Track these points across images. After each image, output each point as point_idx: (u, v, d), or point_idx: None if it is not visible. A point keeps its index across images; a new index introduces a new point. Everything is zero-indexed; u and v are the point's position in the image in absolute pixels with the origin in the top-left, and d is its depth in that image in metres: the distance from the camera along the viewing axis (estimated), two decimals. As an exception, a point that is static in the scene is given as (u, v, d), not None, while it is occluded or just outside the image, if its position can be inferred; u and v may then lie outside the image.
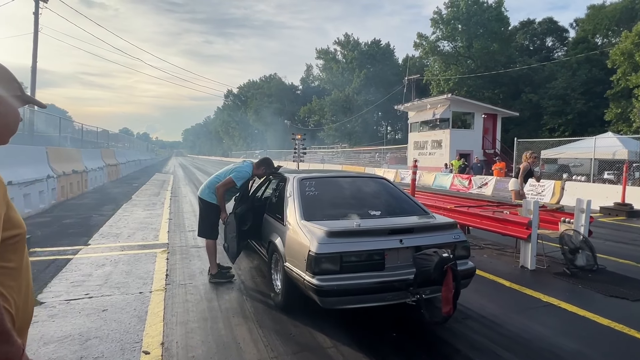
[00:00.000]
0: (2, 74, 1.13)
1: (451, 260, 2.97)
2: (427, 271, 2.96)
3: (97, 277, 4.55)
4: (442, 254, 2.98)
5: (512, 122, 32.89)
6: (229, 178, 4.48)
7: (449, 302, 2.92)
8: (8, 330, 0.94)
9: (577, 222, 5.50)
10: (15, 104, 1.17)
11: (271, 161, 4.95)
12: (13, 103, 1.16)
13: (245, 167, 4.66)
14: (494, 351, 3.02)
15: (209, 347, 3.01)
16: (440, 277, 2.93)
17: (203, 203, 4.62)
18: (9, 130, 1.18)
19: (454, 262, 3.00)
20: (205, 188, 4.63)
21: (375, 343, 3.10)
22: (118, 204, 10.73)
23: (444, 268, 2.92)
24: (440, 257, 2.95)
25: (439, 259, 2.94)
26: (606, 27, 35.81)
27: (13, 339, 0.97)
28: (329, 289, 3.03)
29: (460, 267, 3.31)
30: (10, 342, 0.96)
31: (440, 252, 3.02)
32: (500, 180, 16.21)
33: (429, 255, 3.03)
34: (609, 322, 3.61)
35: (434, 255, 3.00)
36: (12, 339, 0.97)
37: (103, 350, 2.90)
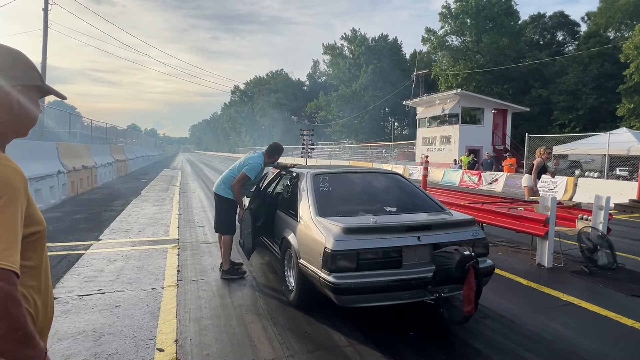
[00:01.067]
0: (21, 62, 1.07)
1: (473, 258, 2.89)
2: (448, 269, 2.88)
3: (109, 272, 4.54)
4: (463, 252, 2.90)
5: (522, 117, 32.47)
6: (242, 173, 4.42)
7: (470, 301, 2.83)
8: (31, 333, 0.88)
9: (596, 219, 5.36)
10: (35, 94, 1.12)
11: (280, 146, 4.84)
12: (33, 93, 1.11)
13: (257, 158, 4.58)
14: (515, 351, 2.94)
15: (223, 344, 2.96)
16: (462, 276, 2.84)
17: (219, 198, 4.56)
18: (30, 122, 1.12)
19: (476, 260, 2.91)
20: (220, 184, 4.58)
21: (392, 342, 3.03)
22: (127, 199, 10.76)
23: (465, 266, 2.83)
24: (461, 254, 2.87)
25: (461, 256, 2.86)
26: (619, 21, 35.07)
27: (35, 342, 0.91)
28: (346, 286, 2.97)
29: (480, 265, 3.22)
30: (33, 345, 0.91)
31: (462, 249, 2.94)
32: (511, 177, 16.00)
33: (450, 253, 2.94)
34: (633, 322, 3.50)
35: (455, 253, 2.92)
36: (35, 342, 0.91)
37: (117, 347, 2.86)
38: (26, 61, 1.09)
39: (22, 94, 1.05)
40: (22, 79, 1.06)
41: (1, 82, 1.01)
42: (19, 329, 0.85)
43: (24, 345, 0.88)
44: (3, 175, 0.91)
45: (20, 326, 0.85)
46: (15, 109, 1.04)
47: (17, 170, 0.97)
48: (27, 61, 1.09)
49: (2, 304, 0.81)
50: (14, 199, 0.90)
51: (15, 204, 0.91)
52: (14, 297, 0.83)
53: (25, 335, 0.87)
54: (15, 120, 1.07)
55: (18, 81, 1.04)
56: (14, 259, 0.85)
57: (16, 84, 1.04)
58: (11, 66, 1.04)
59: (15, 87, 1.04)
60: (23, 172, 0.99)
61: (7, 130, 1.07)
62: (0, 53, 1.04)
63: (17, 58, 1.07)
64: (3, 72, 1.02)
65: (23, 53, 1.10)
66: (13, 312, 0.83)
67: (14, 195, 0.91)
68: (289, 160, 41.07)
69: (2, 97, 1.01)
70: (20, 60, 1.07)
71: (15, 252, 0.86)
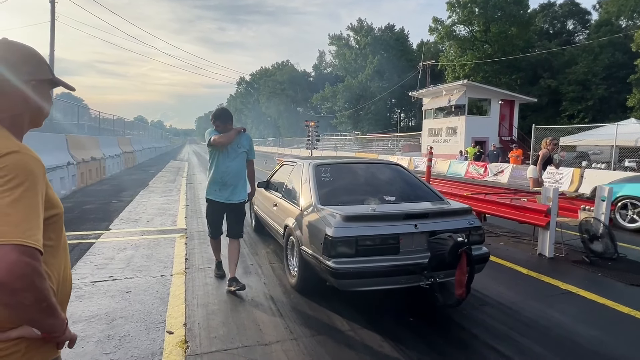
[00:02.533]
0: (33, 57, 1.15)
1: (466, 244, 3.01)
2: (441, 255, 3.00)
3: (120, 260, 4.69)
4: (456, 238, 3.01)
5: (529, 108, 32.13)
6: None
7: (462, 285, 2.95)
8: (54, 305, 0.99)
9: (598, 209, 5.39)
10: (47, 87, 1.20)
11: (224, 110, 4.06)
12: (46, 86, 1.19)
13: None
14: (512, 337, 3.03)
15: (229, 328, 3.09)
16: (455, 261, 2.97)
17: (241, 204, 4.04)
18: (43, 114, 1.21)
19: (469, 247, 3.02)
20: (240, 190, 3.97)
21: (392, 327, 3.14)
22: (135, 190, 10.94)
23: (458, 252, 2.95)
24: (455, 241, 2.98)
25: (454, 243, 2.97)
26: (631, 9, 34.29)
27: (58, 312, 1.02)
28: (345, 271, 3.09)
29: (475, 252, 3.34)
30: (55, 315, 1.01)
31: (455, 236, 3.05)
32: (517, 168, 15.94)
33: (444, 240, 3.06)
34: (630, 310, 3.57)
35: (448, 239, 3.03)
36: (57, 312, 1.01)
37: (129, 330, 3.00)
38: (38, 56, 1.17)
39: (35, 88, 1.14)
40: (35, 73, 1.14)
41: (16, 77, 1.09)
42: (44, 300, 0.95)
43: (48, 315, 0.98)
44: (24, 163, 1.00)
45: (45, 298, 0.95)
46: (30, 102, 1.13)
47: (36, 158, 1.06)
48: (38, 56, 1.18)
49: (29, 278, 0.91)
50: (34, 184, 1.00)
51: (36, 188, 1.00)
52: (39, 271, 0.93)
53: (48, 306, 0.97)
54: (30, 113, 1.16)
55: (31, 75, 1.13)
56: (37, 237, 0.95)
57: (30, 78, 1.12)
58: (25, 62, 1.13)
59: (30, 81, 1.12)
60: (41, 160, 1.08)
61: (24, 122, 1.16)
62: (13, 49, 1.12)
63: (29, 54, 1.15)
64: (17, 68, 1.10)
65: (34, 48, 1.18)
66: (38, 285, 0.93)
67: (35, 181, 1.00)
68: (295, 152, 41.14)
69: (18, 91, 1.10)
70: (32, 55, 1.16)
71: (38, 232, 0.96)
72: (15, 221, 0.91)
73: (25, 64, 1.11)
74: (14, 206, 0.92)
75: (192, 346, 2.81)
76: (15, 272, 0.87)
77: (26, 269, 0.89)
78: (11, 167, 0.96)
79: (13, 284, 0.87)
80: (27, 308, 0.92)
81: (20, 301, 0.90)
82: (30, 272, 0.90)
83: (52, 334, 1.04)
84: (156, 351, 2.73)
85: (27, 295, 0.90)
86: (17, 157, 0.98)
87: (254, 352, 2.75)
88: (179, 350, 2.75)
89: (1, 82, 1.07)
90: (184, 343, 2.84)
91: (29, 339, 1.02)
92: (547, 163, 7.68)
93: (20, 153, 1.00)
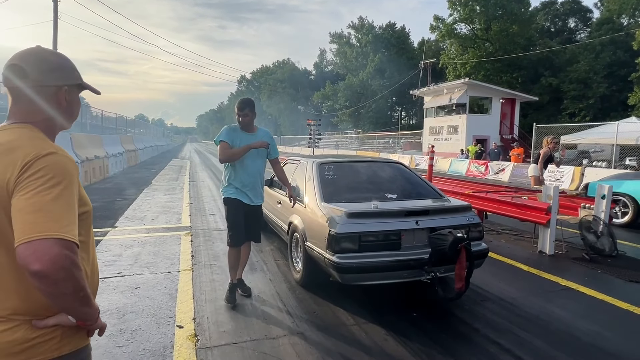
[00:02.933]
0: (66, 64, 1.23)
1: (465, 239, 3.10)
2: (442, 250, 3.09)
3: (127, 257, 4.78)
4: (456, 234, 3.11)
5: (530, 106, 32.15)
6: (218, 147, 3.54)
7: (461, 279, 3.04)
8: (89, 294, 1.06)
9: (598, 207, 5.46)
10: (77, 91, 1.28)
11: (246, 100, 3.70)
12: (76, 91, 1.27)
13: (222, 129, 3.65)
14: (513, 331, 3.11)
15: (237, 322, 3.17)
16: (454, 256, 3.06)
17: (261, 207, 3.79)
18: (74, 116, 1.29)
19: (468, 242, 3.12)
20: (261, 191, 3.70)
21: (396, 322, 3.22)
22: (139, 188, 11.03)
23: (458, 247, 3.04)
24: (454, 236, 3.07)
25: (454, 238, 3.06)
26: (633, 7, 34.24)
27: (92, 301, 1.10)
28: (348, 266, 3.19)
29: (474, 248, 3.44)
30: (90, 304, 1.09)
31: (455, 232, 3.15)
32: (518, 166, 15.99)
33: (444, 235, 3.15)
34: (628, 306, 3.65)
35: (448, 235, 3.12)
36: (92, 301, 1.10)
37: (140, 324, 3.09)
38: (70, 63, 1.25)
39: (67, 92, 1.22)
40: (67, 78, 1.22)
41: (51, 82, 1.17)
42: (81, 290, 1.03)
43: (84, 304, 1.06)
44: (62, 163, 1.08)
45: (82, 287, 1.03)
46: (63, 105, 1.21)
47: (71, 158, 1.14)
48: (70, 63, 1.25)
49: (69, 269, 0.98)
50: (71, 183, 1.08)
51: (72, 187, 1.08)
52: (77, 263, 1.01)
53: (85, 296, 1.05)
54: (62, 116, 1.24)
55: (64, 81, 1.21)
56: (75, 232, 1.03)
57: (63, 83, 1.20)
58: (58, 68, 1.20)
59: (62, 87, 1.20)
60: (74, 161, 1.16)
61: (56, 125, 1.24)
62: (47, 57, 1.20)
63: (63, 60, 1.23)
64: (52, 74, 1.18)
65: (65, 56, 1.26)
66: (76, 275, 1.01)
67: (72, 181, 1.08)
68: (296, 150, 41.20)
69: (53, 95, 1.18)
70: (65, 62, 1.23)
71: (74, 227, 1.04)
72: (56, 217, 0.98)
73: (58, 70, 1.19)
74: (55, 203, 0.99)
75: (202, 340, 2.90)
76: (57, 264, 0.95)
77: (66, 261, 0.97)
78: (51, 167, 1.03)
79: (56, 275, 0.95)
80: (66, 297, 1.00)
81: (62, 291, 0.98)
82: (69, 264, 0.97)
83: (86, 322, 1.12)
84: (167, 344, 2.81)
85: (68, 285, 0.98)
86: (55, 157, 1.06)
87: (263, 345, 2.83)
88: (190, 343, 2.84)
89: (37, 88, 1.14)
90: (194, 337, 2.93)
91: (64, 327, 1.10)
92: (548, 161, 7.75)
93: (57, 154, 1.07)
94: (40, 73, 1.15)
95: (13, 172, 1.02)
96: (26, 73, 1.13)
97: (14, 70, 1.13)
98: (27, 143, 1.08)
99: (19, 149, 1.06)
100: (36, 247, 0.94)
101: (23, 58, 1.15)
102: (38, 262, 0.93)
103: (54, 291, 0.97)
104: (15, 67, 1.13)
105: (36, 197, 0.99)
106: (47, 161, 1.04)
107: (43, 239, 0.95)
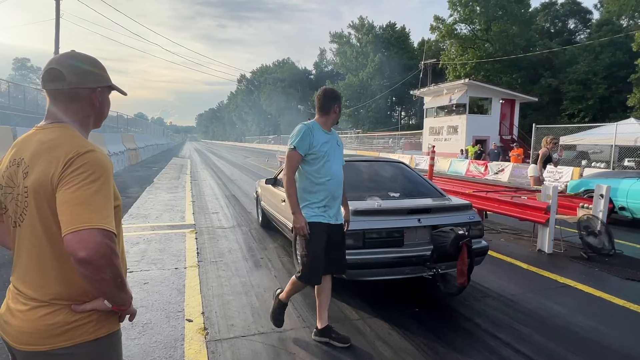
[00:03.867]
0: (98, 67, 1.32)
1: (466, 236, 3.19)
2: (444, 246, 3.19)
3: (134, 253, 4.86)
4: (458, 231, 3.20)
5: (530, 107, 32.26)
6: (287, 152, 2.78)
7: (463, 274, 3.14)
8: (125, 281, 1.16)
9: (596, 207, 5.56)
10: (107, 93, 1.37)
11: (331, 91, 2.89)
12: (107, 92, 1.36)
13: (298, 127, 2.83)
14: (512, 326, 3.20)
15: (245, 316, 3.26)
16: (456, 252, 3.16)
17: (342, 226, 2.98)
18: (104, 116, 1.38)
19: (469, 239, 3.22)
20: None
21: (399, 317, 3.31)
22: (142, 186, 11.11)
23: (459, 244, 3.14)
24: (456, 233, 3.17)
25: (455, 235, 3.16)
26: (632, 8, 34.35)
27: (127, 288, 1.19)
28: (353, 262, 3.28)
29: (475, 245, 3.54)
30: (126, 290, 1.18)
31: (457, 229, 3.25)
32: (517, 167, 16.10)
33: (446, 232, 3.25)
34: (625, 302, 3.75)
35: (450, 232, 3.22)
36: (127, 288, 1.19)
37: (150, 318, 3.18)
38: (102, 66, 1.34)
39: (100, 94, 1.31)
40: (100, 81, 1.31)
41: (86, 85, 1.26)
42: (119, 276, 1.12)
43: (121, 289, 1.15)
44: (101, 160, 1.16)
45: (119, 274, 1.12)
46: (96, 105, 1.30)
47: (107, 156, 1.23)
48: (102, 66, 1.34)
49: (109, 257, 1.07)
50: (108, 178, 1.17)
51: (109, 182, 1.17)
52: (115, 251, 1.10)
53: (122, 282, 1.14)
54: (95, 116, 1.33)
55: (97, 83, 1.29)
56: (112, 224, 1.12)
57: (96, 86, 1.29)
58: (91, 71, 1.29)
59: (96, 89, 1.29)
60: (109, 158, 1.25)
61: (89, 124, 1.33)
62: (82, 61, 1.28)
63: (96, 64, 1.31)
64: (88, 77, 1.27)
65: (97, 59, 1.35)
66: (116, 263, 1.09)
67: (109, 176, 1.17)
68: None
69: (87, 96, 1.27)
70: (98, 65, 1.32)
71: (112, 219, 1.13)
72: (97, 209, 1.07)
73: (92, 73, 1.28)
74: (95, 196, 1.08)
75: (211, 333, 2.99)
76: (100, 252, 1.04)
77: (107, 249, 1.06)
78: (91, 163, 1.12)
79: (99, 261, 1.04)
80: (107, 282, 1.09)
81: (103, 277, 1.07)
82: (110, 252, 1.06)
83: (121, 307, 1.21)
84: (178, 337, 2.90)
85: (108, 271, 1.07)
86: (94, 155, 1.15)
87: (270, 338, 2.92)
88: (199, 336, 2.93)
89: (74, 90, 1.23)
90: (204, 330, 3.02)
91: (100, 312, 1.19)
92: (547, 161, 7.85)
93: (96, 152, 1.16)
94: (76, 76, 1.23)
95: (57, 168, 1.11)
96: (63, 76, 1.22)
97: (52, 74, 1.22)
98: (68, 141, 1.17)
99: (61, 147, 1.14)
100: (82, 237, 1.03)
101: (60, 62, 1.24)
102: (84, 250, 1.02)
103: (96, 277, 1.06)
104: (54, 71, 1.22)
105: (79, 191, 1.07)
106: (87, 158, 1.13)
107: (88, 229, 1.04)
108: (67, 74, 1.22)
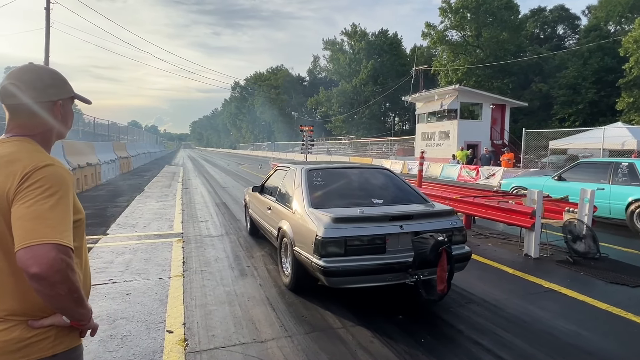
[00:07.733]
0: (58, 79, 1.31)
1: (445, 243, 3.21)
2: (423, 253, 3.20)
3: (119, 264, 4.81)
4: (437, 237, 3.22)
5: (521, 112, 32.61)
6: None
7: (443, 281, 3.15)
8: (82, 296, 1.14)
9: (581, 211, 5.60)
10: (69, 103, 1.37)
11: None
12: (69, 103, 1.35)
13: None
14: (495, 332, 3.20)
15: (227, 327, 3.24)
16: (436, 259, 3.17)
17: None
18: (68, 127, 1.38)
19: (449, 245, 3.23)
20: None
21: (382, 324, 3.30)
22: (132, 195, 11.03)
23: (439, 250, 3.15)
24: (435, 240, 3.19)
25: (435, 241, 3.18)
26: (619, 14, 35.06)
27: (85, 303, 1.18)
28: (334, 269, 3.29)
29: (457, 251, 3.58)
30: (84, 305, 1.17)
31: (436, 235, 3.26)
32: (508, 171, 16.20)
33: (426, 239, 3.27)
34: (607, 306, 3.76)
35: (430, 238, 3.24)
36: (85, 303, 1.17)
37: (130, 330, 3.14)
38: (62, 78, 1.34)
39: (62, 106, 1.31)
40: (61, 93, 1.30)
41: (46, 99, 1.26)
42: (75, 292, 1.10)
43: (78, 305, 1.14)
44: (59, 174, 1.16)
45: (76, 289, 1.11)
46: (58, 118, 1.30)
47: (67, 170, 1.23)
48: (62, 78, 1.34)
49: (65, 272, 1.06)
50: (67, 193, 1.16)
51: (68, 196, 1.16)
52: (72, 267, 1.09)
53: (79, 297, 1.13)
54: (58, 127, 1.32)
55: (58, 96, 1.29)
56: (70, 238, 1.11)
57: (57, 98, 1.29)
58: (51, 85, 1.29)
59: (57, 101, 1.29)
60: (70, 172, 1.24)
61: (52, 137, 1.32)
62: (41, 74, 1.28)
63: (55, 76, 1.31)
64: (47, 90, 1.26)
65: (57, 71, 1.35)
66: (72, 278, 1.08)
67: (67, 190, 1.16)
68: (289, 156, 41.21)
69: (49, 110, 1.27)
70: (58, 78, 1.32)
71: (70, 234, 1.12)
72: (53, 224, 1.06)
73: (52, 86, 1.27)
74: (52, 211, 1.08)
75: (191, 344, 2.95)
76: (54, 267, 1.02)
77: (62, 265, 1.04)
78: (48, 177, 1.12)
79: (53, 277, 1.03)
80: (62, 298, 1.08)
81: (58, 292, 1.06)
82: (65, 267, 1.05)
83: (80, 322, 1.19)
84: (157, 349, 2.87)
85: (63, 287, 1.06)
86: (52, 169, 1.14)
87: (251, 348, 2.90)
88: (179, 348, 2.89)
89: (33, 105, 1.23)
90: (184, 341, 2.98)
91: (58, 327, 1.18)
92: None
93: (54, 166, 1.16)
94: (36, 90, 1.23)
95: (13, 183, 1.10)
96: (23, 91, 1.21)
97: (11, 88, 1.21)
98: (26, 155, 1.16)
99: (19, 161, 1.14)
100: (35, 252, 1.02)
101: (18, 77, 1.23)
102: (37, 266, 1.01)
103: (50, 292, 1.05)
104: (13, 86, 1.21)
105: (35, 205, 1.07)
106: (45, 172, 1.12)
107: (41, 244, 1.03)
108: (27, 89, 1.22)
